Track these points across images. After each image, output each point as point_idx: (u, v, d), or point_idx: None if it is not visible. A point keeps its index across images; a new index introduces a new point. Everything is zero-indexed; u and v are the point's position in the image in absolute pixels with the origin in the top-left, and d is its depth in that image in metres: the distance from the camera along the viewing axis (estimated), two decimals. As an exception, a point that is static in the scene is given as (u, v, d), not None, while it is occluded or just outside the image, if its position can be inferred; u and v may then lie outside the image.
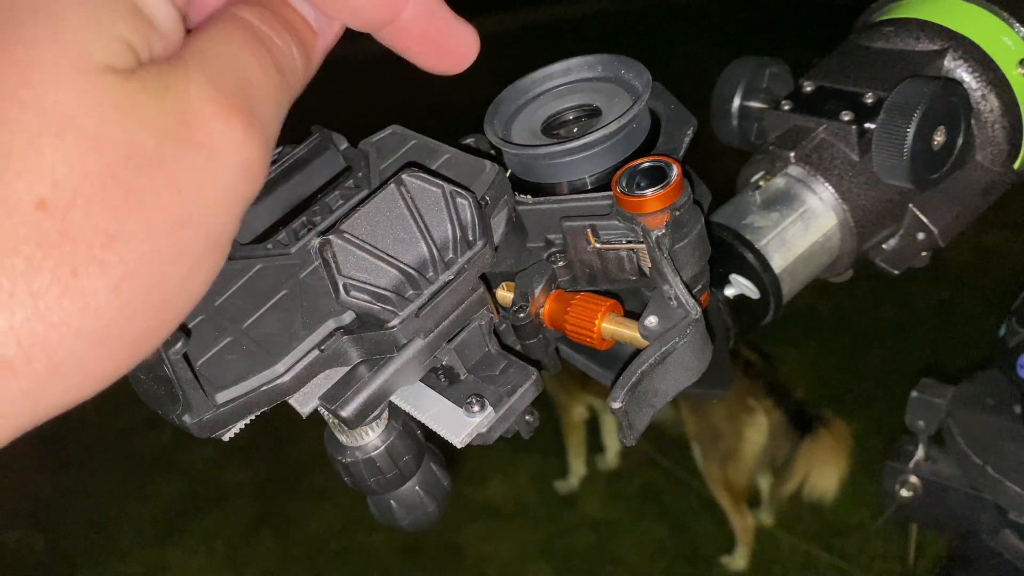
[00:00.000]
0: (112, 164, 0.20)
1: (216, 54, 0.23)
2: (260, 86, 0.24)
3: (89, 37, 0.20)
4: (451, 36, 0.28)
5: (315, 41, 0.27)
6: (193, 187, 0.21)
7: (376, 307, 0.28)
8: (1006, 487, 0.64)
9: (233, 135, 0.22)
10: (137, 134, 0.20)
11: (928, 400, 0.70)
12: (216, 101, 0.22)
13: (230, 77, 0.23)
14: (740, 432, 1.92)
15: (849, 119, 0.50)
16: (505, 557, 2.18)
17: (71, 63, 0.20)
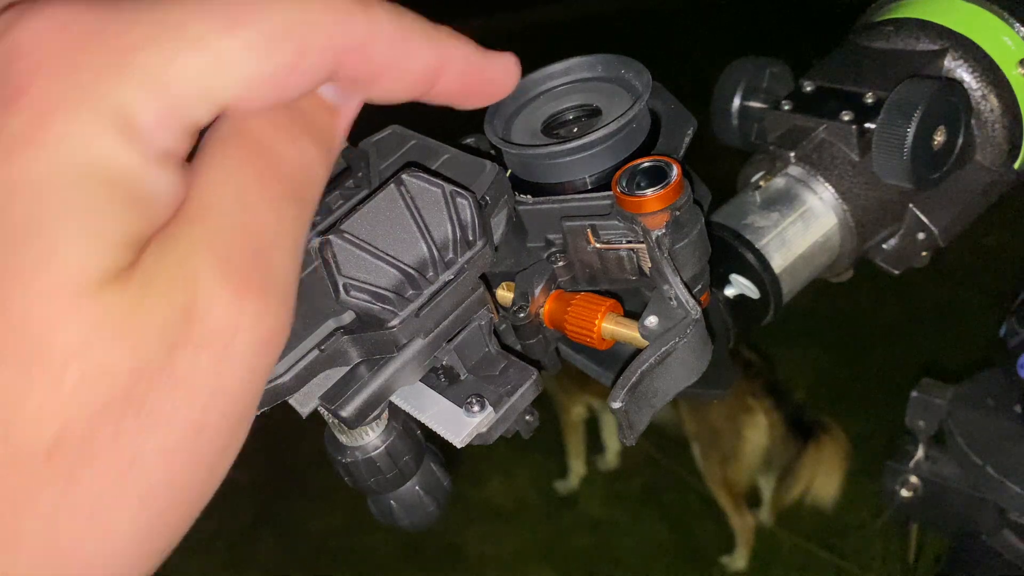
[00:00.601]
0: (121, 390, 0.19)
1: (221, 210, 0.21)
2: (274, 234, 0.21)
3: (83, 252, 0.19)
4: (491, 78, 0.27)
5: (335, 124, 0.24)
6: (209, 387, 0.20)
7: (376, 307, 0.28)
8: (1006, 487, 0.64)
9: (248, 314, 0.20)
10: (144, 350, 0.19)
11: (928, 400, 0.70)
12: (226, 282, 0.20)
13: (240, 242, 0.21)
14: (740, 432, 1.93)
15: (849, 119, 0.50)
16: (505, 557, 2.18)
17: (66, 289, 0.18)
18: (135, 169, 0.20)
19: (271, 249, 0.21)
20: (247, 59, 0.20)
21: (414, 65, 0.24)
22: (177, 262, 0.20)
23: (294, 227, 0.22)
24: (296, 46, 0.21)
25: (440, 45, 0.25)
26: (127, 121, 0.19)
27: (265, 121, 0.22)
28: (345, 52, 0.22)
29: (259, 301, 0.21)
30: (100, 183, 0.19)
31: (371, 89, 0.24)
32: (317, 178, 0.24)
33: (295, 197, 0.22)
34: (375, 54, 0.23)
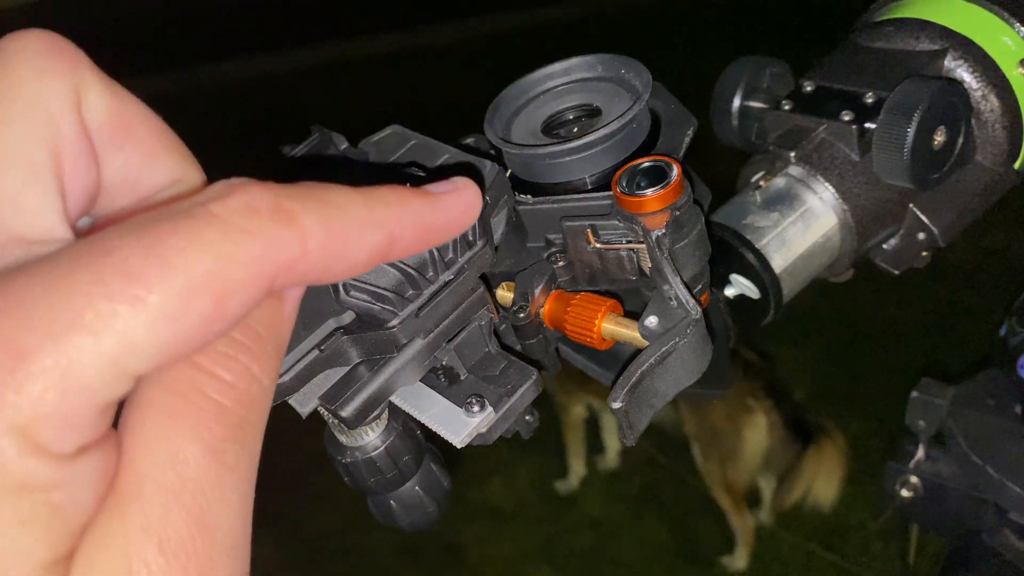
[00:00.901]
0: None
1: (155, 482, 0.20)
2: (217, 491, 0.20)
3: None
4: (449, 222, 0.26)
5: (281, 320, 0.23)
6: None
7: (376, 307, 0.28)
8: (1007, 487, 0.64)
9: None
10: None
11: (928, 400, 0.70)
12: (170, 568, 0.19)
13: (179, 518, 0.20)
14: (740, 432, 1.93)
15: (849, 119, 0.50)
16: (505, 557, 2.18)
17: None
18: (47, 479, 0.18)
19: (216, 510, 0.20)
20: (159, 328, 0.19)
21: (359, 254, 0.23)
22: (116, 556, 0.19)
23: (238, 470, 0.21)
24: (215, 294, 0.20)
25: (384, 222, 0.23)
26: (27, 434, 0.18)
27: (194, 360, 0.21)
28: (276, 275, 0.21)
29: (206, 570, 0.20)
30: (11, 503, 0.18)
31: (315, 282, 0.23)
32: (262, 398, 0.22)
33: (236, 437, 0.21)
34: (312, 262, 0.22)
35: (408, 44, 4.42)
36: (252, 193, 0.21)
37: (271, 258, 0.20)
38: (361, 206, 0.23)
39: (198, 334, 0.20)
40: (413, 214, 0.24)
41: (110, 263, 0.19)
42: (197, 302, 0.19)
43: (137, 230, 0.20)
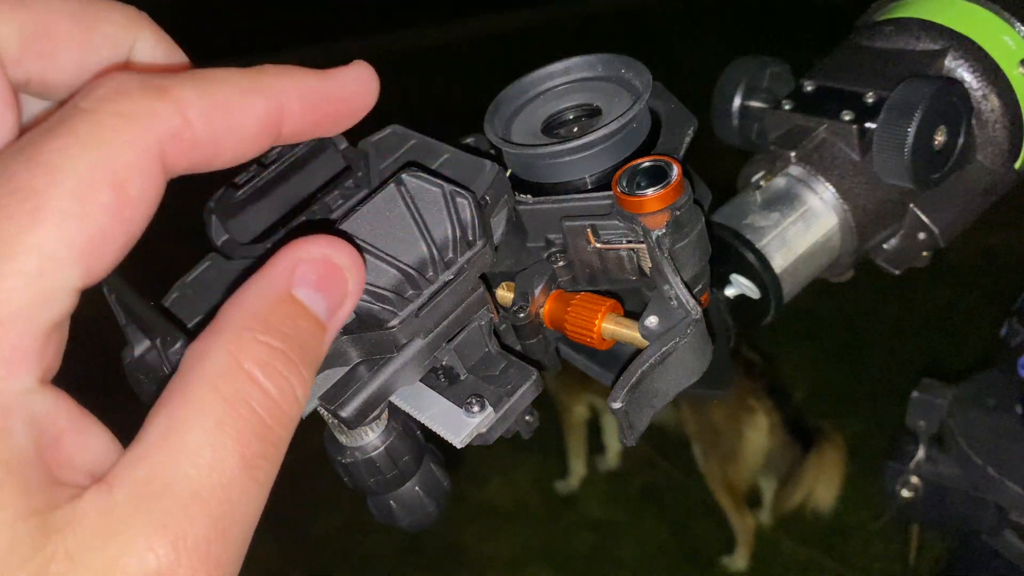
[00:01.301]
0: None
1: (191, 491, 0.20)
2: (242, 507, 0.21)
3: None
4: (342, 97, 0.26)
5: (322, 341, 0.24)
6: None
7: (376, 307, 0.28)
8: (1007, 487, 0.64)
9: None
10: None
11: (929, 400, 0.70)
12: (179, 566, 0.19)
13: (204, 530, 0.20)
14: (741, 432, 1.93)
15: (850, 119, 0.50)
16: (505, 557, 2.18)
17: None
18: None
19: (237, 520, 0.21)
20: (67, 233, 0.19)
21: (246, 122, 0.23)
22: (125, 542, 0.19)
23: (264, 486, 0.22)
24: (109, 183, 0.20)
25: (268, 90, 0.23)
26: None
27: (248, 363, 0.21)
28: (164, 149, 0.21)
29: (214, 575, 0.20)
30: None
31: (216, 162, 0.23)
32: (295, 417, 0.23)
33: (269, 455, 0.22)
34: (198, 133, 0.22)
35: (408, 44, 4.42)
36: (118, 79, 0.21)
37: (152, 133, 0.21)
38: (241, 75, 0.23)
39: (112, 227, 0.20)
40: (301, 84, 0.24)
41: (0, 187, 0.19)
42: (95, 196, 0.20)
43: (19, 147, 0.20)
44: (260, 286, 0.23)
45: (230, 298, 0.23)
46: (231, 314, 0.22)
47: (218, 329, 0.22)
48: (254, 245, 0.32)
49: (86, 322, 0.24)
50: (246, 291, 0.23)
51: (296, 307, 0.23)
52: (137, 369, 0.28)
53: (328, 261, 0.24)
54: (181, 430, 0.20)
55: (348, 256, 0.24)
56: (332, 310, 0.24)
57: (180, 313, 0.30)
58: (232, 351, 0.22)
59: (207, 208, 0.32)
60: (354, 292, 0.24)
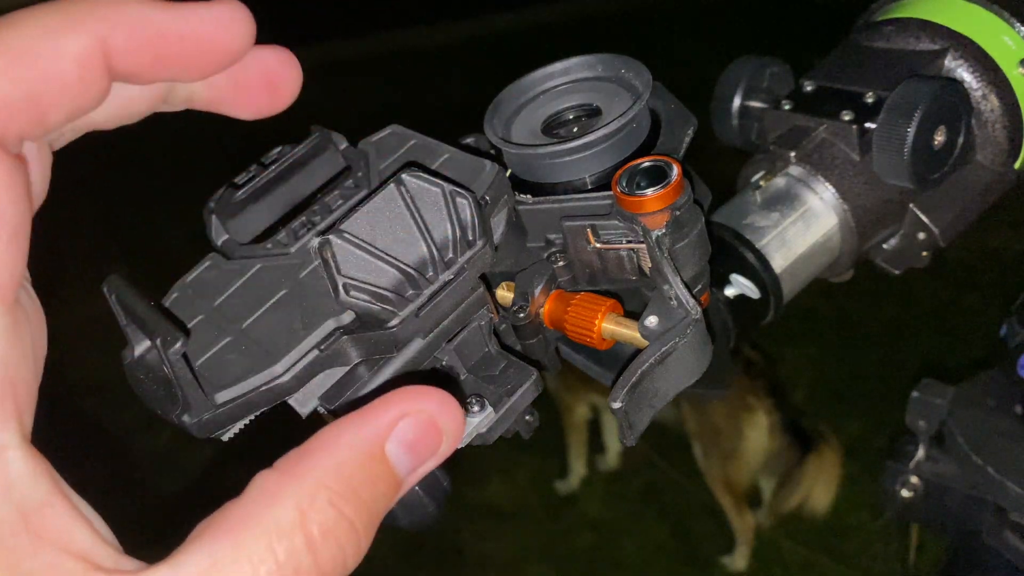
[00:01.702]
0: None
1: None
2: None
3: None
4: (196, 30, 0.23)
5: (391, 500, 0.23)
6: None
7: (376, 307, 0.28)
8: (1007, 487, 0.64)
9: None
10: None
11: (928, 400, 0.70)
12: None
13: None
14: (741, 431, 1.93)
15: (850, 119, 0.50)
16: (505, 557, 2.18)
17: None
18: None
19: None
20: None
21: (62, 67, 0.20)
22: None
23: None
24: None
25: (84, 25, 0.21)
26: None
27: (314, 527, 0.21)
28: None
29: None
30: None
31: (49, 120, 0.21)
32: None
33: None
34: (6, 95, 0.20)
35: (408, 44, 4.42)
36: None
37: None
38: (53, 12, 0.21)
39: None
40: (130, 15, 0.21)
41: None
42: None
43: None
44: (357, 436, 0.23)
45: (326, 429, 0.23)
46: (317, 458, 0.22)
47: (299, 473, 0.22)
48: (254, 245, 0.32)
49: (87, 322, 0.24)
50: (341, 432, 0.23)
51: (382, 468, 0.23)
52: (137, 369, 0.28)
53: (432, 422, 0.24)
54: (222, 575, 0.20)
55: (452, 420, 0.24)
56: (413, 469, 0.24)
57: (180, 313, 0.30)
58: (303, 508, 0.21)
59: (207, 208, 0.32)
60: (442, 455, 0.24)
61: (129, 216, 3.05)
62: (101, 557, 0.20)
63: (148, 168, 3.13)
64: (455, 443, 0.24)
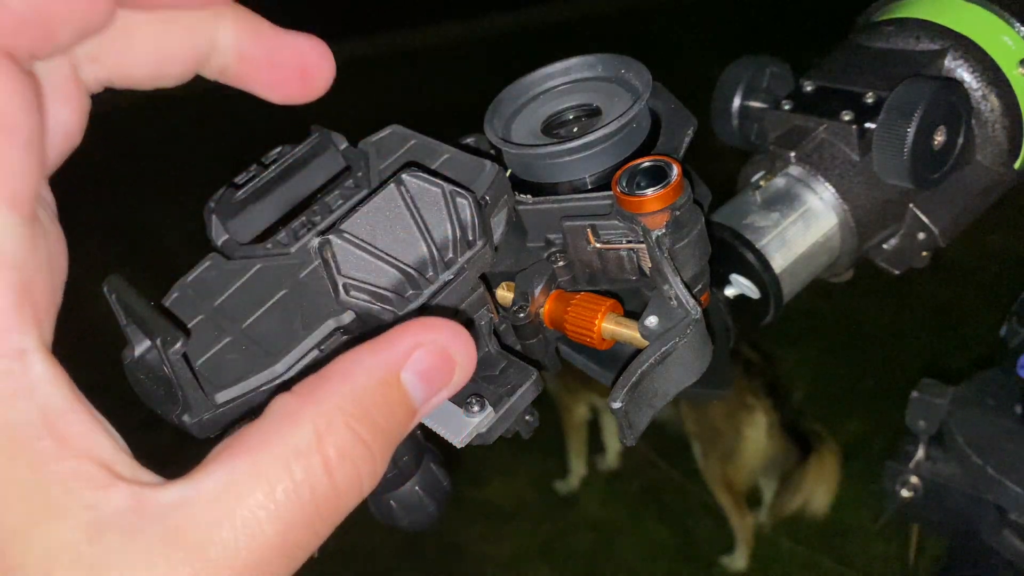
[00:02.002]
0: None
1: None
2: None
3: None
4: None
5: (406, 427, 0.24)
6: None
7: (376, 307, 0.28)
8: (1007, 487, 0.64)
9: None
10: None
11: (928, 400, 0.70)
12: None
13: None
14: (740, 430, 1.93)
15: (849, 119, 0.50)
16: (505, 557, 2.18)
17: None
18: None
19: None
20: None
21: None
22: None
23: (290, 571, 0.22)
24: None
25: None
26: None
27: (330, 448, 0.21)
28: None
29: None
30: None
31: (61, 36, 0.22)
32: (349, 506, 0.23)
33: (310, 545, 0.22)
34: (16, 9, 0.20)
35: (408, 44, 4.42)
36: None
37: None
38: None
39: (2, 152, 0.20)
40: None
41: None
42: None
43: None
44: (373, 362, 0.23)
45: (343, 356, 0.23)
46: (335, 383, 0.22)
47: (317, 397, 0.22)
48: (254, 245, 0.32)
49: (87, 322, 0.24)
50: (358, 359, 0.23)
51: (398, 394, 0.23)
52: (137, 369, 0.28)
53: (445, 353, 0.24)
54: (237, 493, 0.20)
55: (464, 351, 0.24)
56: (427, 399, 0.24)
57: (180, 313, 0.30)
58: (320, 430, 0.21)
59: (207, 208, 0.32)
60: (455, 385, 0.24)
61: (129, 216, 3.06)
62: (121, 466, 0.20)
63: (148, 168, 3.13)
64: (467, 374, 0.25)
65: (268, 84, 0.26)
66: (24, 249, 0.20)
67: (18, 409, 0.19)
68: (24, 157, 0.20)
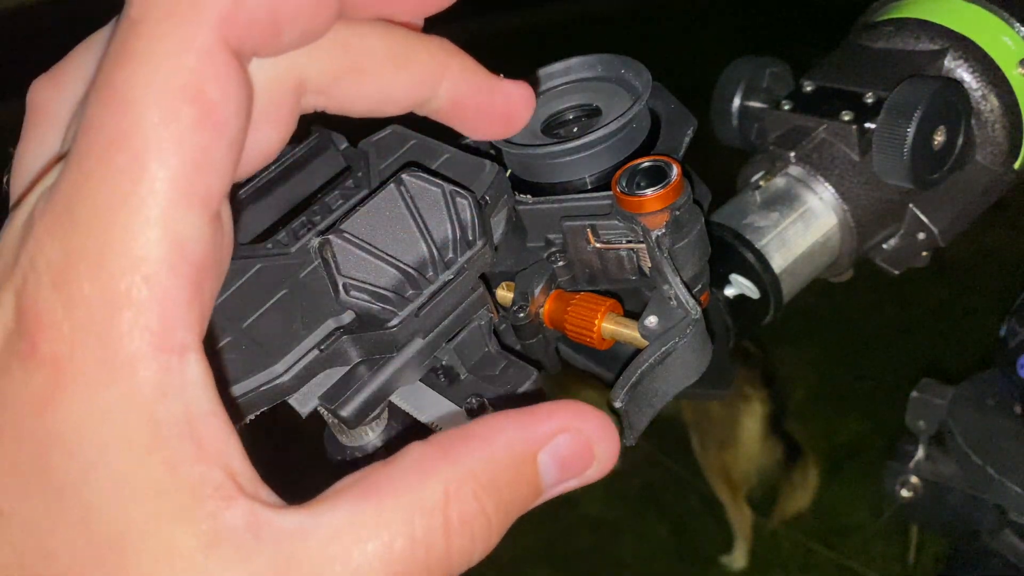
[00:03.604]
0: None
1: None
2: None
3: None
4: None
5: (529, 507, 0.24)
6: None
7: (376, 307, 0.28)
8: (1006, 487, 0.64)
9: None
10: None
11: (928, 400, 0.70)
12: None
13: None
14: (737, 419, 1.93)
15: (849, 119, 0.50)
16: (505, 558, 2.17)
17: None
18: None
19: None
20: (175, 171, 0.19)
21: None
22: None
23: None
24: (188, 98, 0.19)
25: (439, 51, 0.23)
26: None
27: (454, 514, 0.21)
28: (225, 37, 0.20)
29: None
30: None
31: (284, 38, 0.22)
32: (454, 573, 0.22)
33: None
34: (251, 8, 0.20)
35: (408, 44, 4.42)
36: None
37: (204, 25, 0.20)
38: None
39: (208, 140, 0.20)
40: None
41: (90, 140, 0.19)
42: (178, 118, 0.19)
43: (96, 86, 0.20)
44: (515, 435, 0.23)
45: (488, 419, 0.23)
46: (473, 446, 0.22)
47: (453, 456, 0.22)
48: (254, 245, 0.32)
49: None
50: (502, 427, 0.23)
51: (530, 473, 0.23)
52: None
53: (588, 444, 0.24)
54: (357, 536, 0.20)
55: (607, 448, 0.24)
56: (556, 484, 0.24)
57: (180, 313, 0.30)
58: (449, 492, 0.21)
59: (207, 208, 0.32)
60: (587, 479, 0.24)
61: (129, 216, 3.05)
62: (245, 479, 0.20)
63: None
64: (604, 471, 0.24)
65: (473, 126, 0.27)
66: (206, 247, 0.20)
67: (167, 406, 0.19)
68: (226, 156, 0.20)
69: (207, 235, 0.20)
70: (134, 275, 0.19)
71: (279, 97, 0.23)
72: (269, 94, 0.23)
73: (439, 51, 0.25)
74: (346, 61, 0.23)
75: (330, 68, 0.23)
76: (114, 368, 0.19)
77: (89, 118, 0.19)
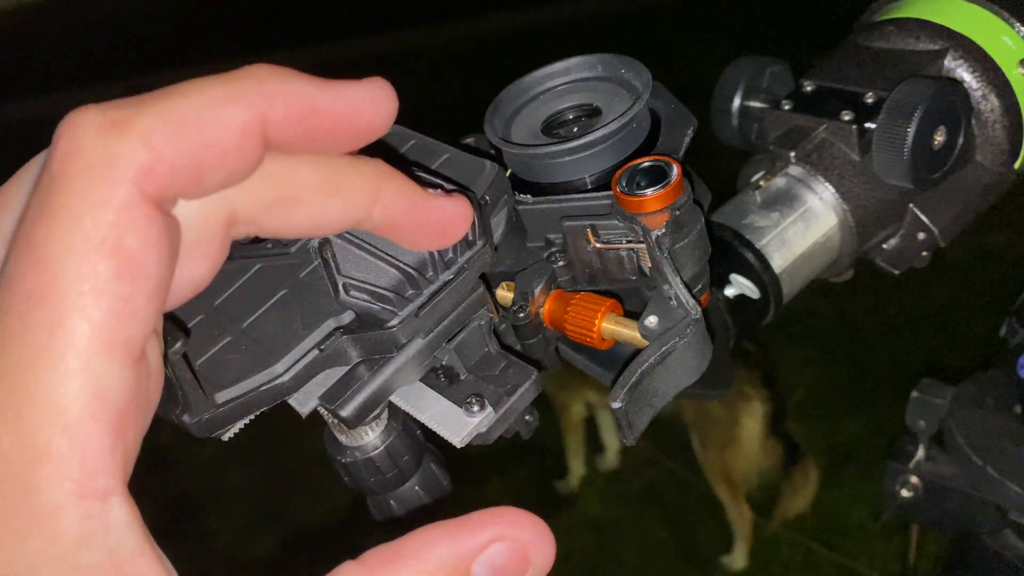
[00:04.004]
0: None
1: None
2: None
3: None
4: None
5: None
6: None
7: (376, 307, 0.28)
8: (1007, 487, 0.64)
9: None
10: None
11: (928, 400, 0.70)
12: None
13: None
14: (737, 420, 1.93)
15: (849, 119, 0.50)
16: (505, 557, 2.18)
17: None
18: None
19: None
20: (95, 323, 0.20)
21: (223, 135, 0.21)
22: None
23: None
24: (106, 252, 0.20)
25: (245, 99, 0.22)
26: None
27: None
28: (144, 190, 0.20)
29: None
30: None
31: (206, 184, 0.21)
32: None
33: None
34: (172, 161, 0.20)
35: (408, 44, 4.42)
36: (76, 122, 0.20)
37: (122, 182, 0.20)
38: (215, 85, 0.21)
39: (128, 290, 0.20)
40: (288, 90, 0.22)
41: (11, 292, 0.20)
42: (96, 273, 0.19)
43: (18, 239, 0.20)
44: (448, 549, 0.23)
45: (421, 532, 0.24)
46: (404, 562, 0.23)
47: (385, 573, 0.23)
48: (254, 245, 0.32)
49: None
50: (434, 541, 0.23)
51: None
52: (137, 369, 0.28)
53: (523, 552, 0.25)
54: None
55: (543, 555, 0.25)
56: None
57: (180, 313, 0.30)
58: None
59: (207, 208, 0.32)
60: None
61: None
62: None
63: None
64: (539, 574, 0.25)
65: (411, 240, 0.27)
66: (128, 393, 0.20)
67: (91, 553, 0.19)
68: (146, 305, 0.20)
69: (129, 380, 0.20)
70: (54, 427, 0.19)
71: (209, 233, 0.23)
72: (198, 230, 0.23)
73: (372, 175, 0.24)
74: (277, 193, 0.23)
75: (261, 200, 0.23)
76: (36, 519, 0.19)
77: (9, 275, 0.20)
